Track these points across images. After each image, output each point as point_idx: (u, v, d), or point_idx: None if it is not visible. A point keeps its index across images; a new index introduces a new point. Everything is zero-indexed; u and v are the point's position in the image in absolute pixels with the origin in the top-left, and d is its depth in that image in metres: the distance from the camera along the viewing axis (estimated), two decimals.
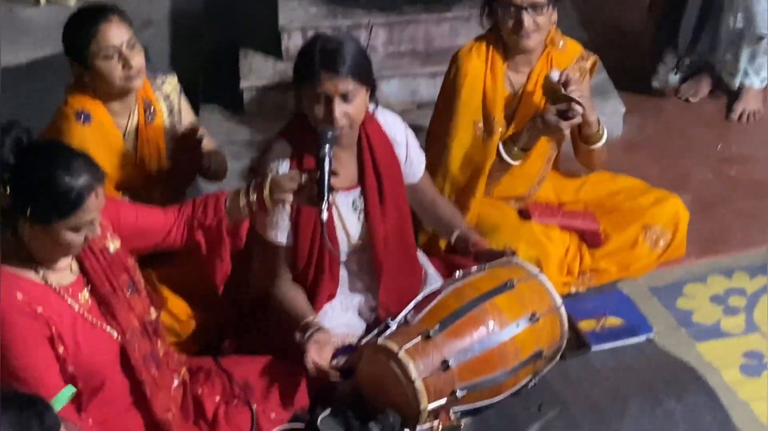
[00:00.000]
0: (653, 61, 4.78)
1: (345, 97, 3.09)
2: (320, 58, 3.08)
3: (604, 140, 3.76)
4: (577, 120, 3.57)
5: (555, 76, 3.54)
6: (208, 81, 4.94)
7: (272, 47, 4.82)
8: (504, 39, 3.64)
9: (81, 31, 3.34)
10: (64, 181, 2.62)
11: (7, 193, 2.64)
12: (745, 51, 4.64)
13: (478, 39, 3.72)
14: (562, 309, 3.23)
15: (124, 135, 3.50)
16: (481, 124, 3.69)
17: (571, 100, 3.51)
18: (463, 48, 3.74)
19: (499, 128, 3.69)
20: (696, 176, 4.42)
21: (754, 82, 4.72)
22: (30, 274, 2.73)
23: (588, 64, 3.78)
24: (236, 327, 3.43)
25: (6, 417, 2.15)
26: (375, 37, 4.67)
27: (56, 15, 5.67)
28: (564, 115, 3.55)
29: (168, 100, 3.64)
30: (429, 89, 4.70)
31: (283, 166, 3.19)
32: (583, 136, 3.73)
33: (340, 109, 3.09)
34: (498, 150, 3.68)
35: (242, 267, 3.41)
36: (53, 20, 5.59)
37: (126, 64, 3.36)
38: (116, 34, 3.35)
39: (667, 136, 4.69)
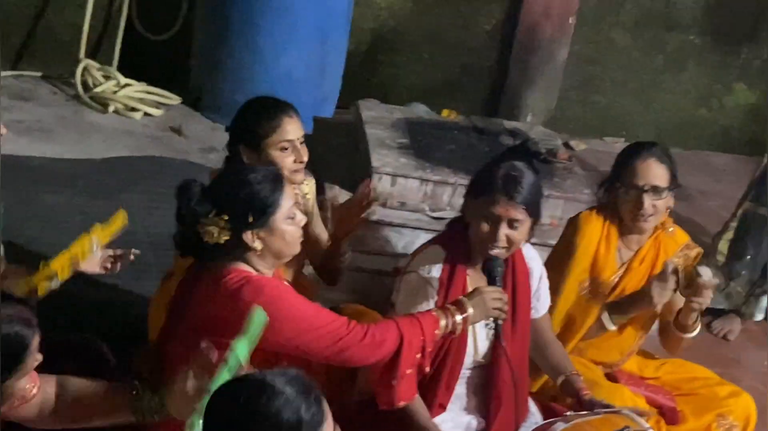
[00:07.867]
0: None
1: (512, 224, 3.27)
2: (503, 182, 3.26)
3: (697, 332, 3.89)
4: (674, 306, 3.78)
5: (706, 274, 3.66)
6: None
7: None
8: (620, 215, 3.83)
9: (263, 121, 3.49)
10: (257, 179, 2.95)
11: (225, 219, 2.87)
12: None
13: (597, 207, 3.93)
14: None
15: None
16: (585, 284, 3.86)
17: (690, 301, 3.70)
18: (584, 211, 3.95)
19: (606, 294, 3.87)
20: (746, 384, 4.58)
21: None
22: None
23: (692, 254, 3.98)
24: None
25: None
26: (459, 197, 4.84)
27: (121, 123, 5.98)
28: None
29: (304, 200, 3.76)
30: None
31: (435, 270, 3.32)
32: (679, 323, 3.86)
33: (504, 231, 3.26)
34: (600, 314, 3.85)
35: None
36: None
37: (298, 157, 3.52)
38: (296, 128, 3.52)
39: (716, 343, 4.95)
